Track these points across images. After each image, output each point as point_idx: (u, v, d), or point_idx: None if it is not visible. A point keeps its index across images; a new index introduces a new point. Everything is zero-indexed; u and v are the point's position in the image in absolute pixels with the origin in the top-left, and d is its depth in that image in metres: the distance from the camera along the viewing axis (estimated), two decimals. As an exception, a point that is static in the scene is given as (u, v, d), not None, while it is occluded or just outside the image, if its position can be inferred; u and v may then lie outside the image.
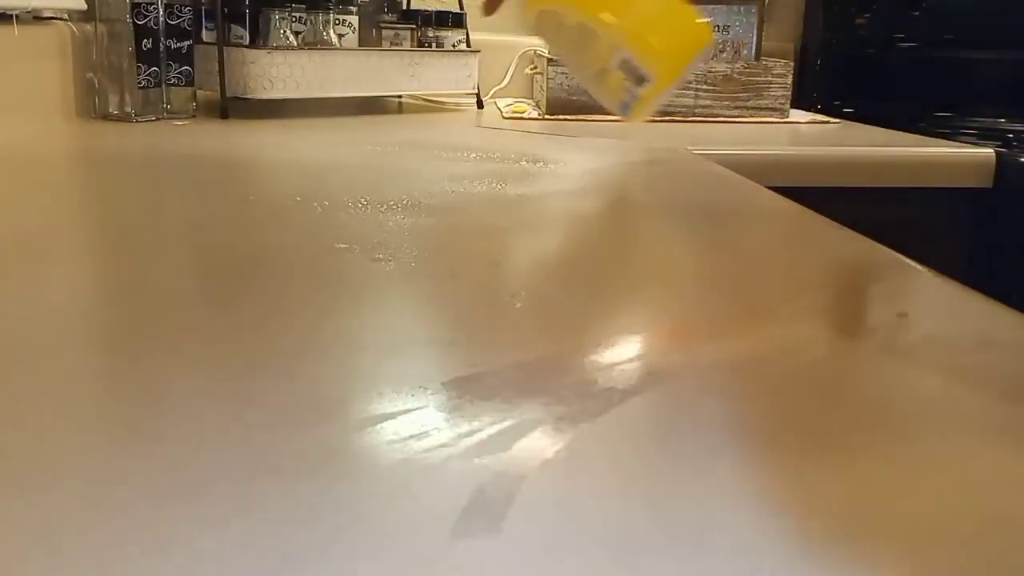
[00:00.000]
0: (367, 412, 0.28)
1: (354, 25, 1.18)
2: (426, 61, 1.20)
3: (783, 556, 0.21)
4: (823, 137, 1.10)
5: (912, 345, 0.37)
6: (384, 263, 0.46)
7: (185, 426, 0.27)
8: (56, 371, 0.31)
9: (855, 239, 0.54)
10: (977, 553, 0.22)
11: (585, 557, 0.21)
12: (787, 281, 0.47)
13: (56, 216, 0.57)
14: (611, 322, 0.38)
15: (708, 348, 0.35)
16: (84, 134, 0.93)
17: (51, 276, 0.43)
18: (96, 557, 0.20)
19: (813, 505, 0.24)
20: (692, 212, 0.64)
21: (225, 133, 0.95)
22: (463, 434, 0.26)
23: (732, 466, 0.25)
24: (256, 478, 0.24)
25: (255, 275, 0.44)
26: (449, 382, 0.30)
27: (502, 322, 0.38)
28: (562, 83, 1.22)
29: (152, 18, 0.99)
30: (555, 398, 0.29)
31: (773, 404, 0.30)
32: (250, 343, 0.34)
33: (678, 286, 0.44)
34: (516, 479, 0.24)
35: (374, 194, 0.63)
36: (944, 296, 0.44)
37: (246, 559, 0.20)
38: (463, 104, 1.34)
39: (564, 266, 0.48)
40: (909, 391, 0.32)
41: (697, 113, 1.24)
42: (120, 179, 0.69)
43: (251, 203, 0.60)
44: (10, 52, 0.87)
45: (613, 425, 0.28)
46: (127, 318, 0.38)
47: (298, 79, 1.07)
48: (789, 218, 0.63)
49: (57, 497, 0.23)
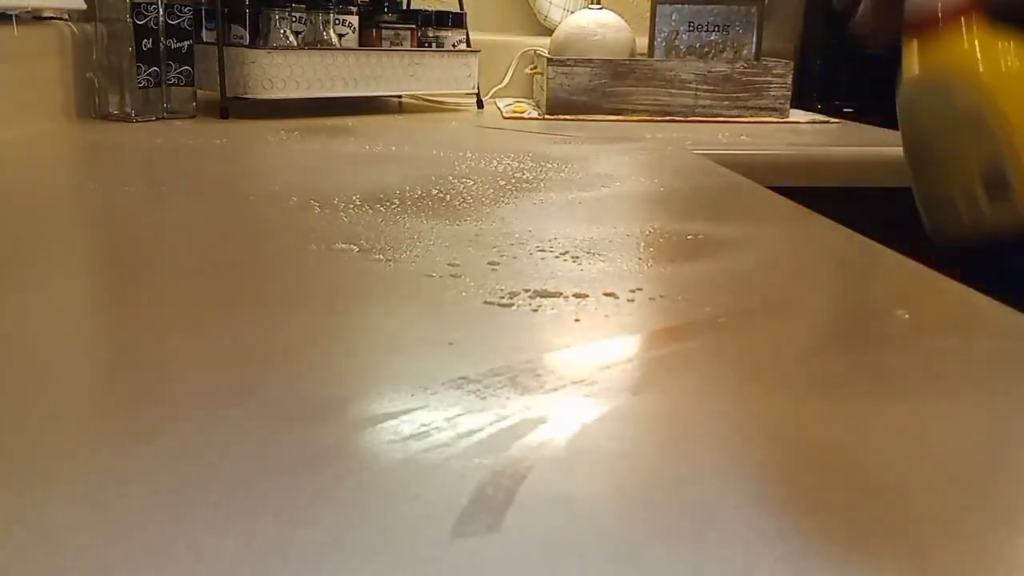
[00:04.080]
0: (367, 412, 0.28)
1: (354, 25, 1.18)
2: (426, 61, 1.20)
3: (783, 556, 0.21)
4: (823, 137, 1.10)
5: (912, 345, 0.37)
6: (384, 263, 0.46)
7: (185, 426, 0.27)
8: (56, 371, 0.31)
9: (855, 239, 0.54)
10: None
11: (585, 557, 0.21)
12: (787, 281, 0.47)
13: (56, 216, 0.57)
14: (609, 322, 0.38)
15: (706, 347, 0.35)
16: (84, 134, 0.93)
17: (51, 276, 0.43)
18: (96, 557, 0.20)
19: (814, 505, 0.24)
20: (689, 206, 0.64)
21: (225, 133, 0.95)
22: (463, 434, 0.26)
23: (733, 465, 0.25)
24: (256, 478, 0.24)
25: (255, 274, 0.44)
26: (449, 382, 0.30)
27: (502, 322, 0.38)
28: (562, 83, 1.22)
29: (152, 18, 0.99)
30: (556, 398, 0.29)
31: (772, 405, 0.30)
32: (250, 343, 0.34)
33: (678, 286, 0.44)
34: (516, 479, 0.24)
35: (374, 194, 0.63)
36: (944, 296, 0.44)
37: (246, 559, 0.20)
38: (463, 104, 1.34)
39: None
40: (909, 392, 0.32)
41: (697, 113, 1.24)
42: (120, 179, 0.69)
43: (251, 202, 0.60)
44: (10, 52, 0.87)
45: (613, 424, 0.28)
46: (127, 318, 0.38)
47: (298, 79, 1.07)
48: (790, 217, 0.63)
49: (57, 497, 0.23)
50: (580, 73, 1.22)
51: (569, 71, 1.22)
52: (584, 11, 1.36)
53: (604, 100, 1.23)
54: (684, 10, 1.31)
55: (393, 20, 1.25)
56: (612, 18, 1.33)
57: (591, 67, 1.22)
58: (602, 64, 1.23)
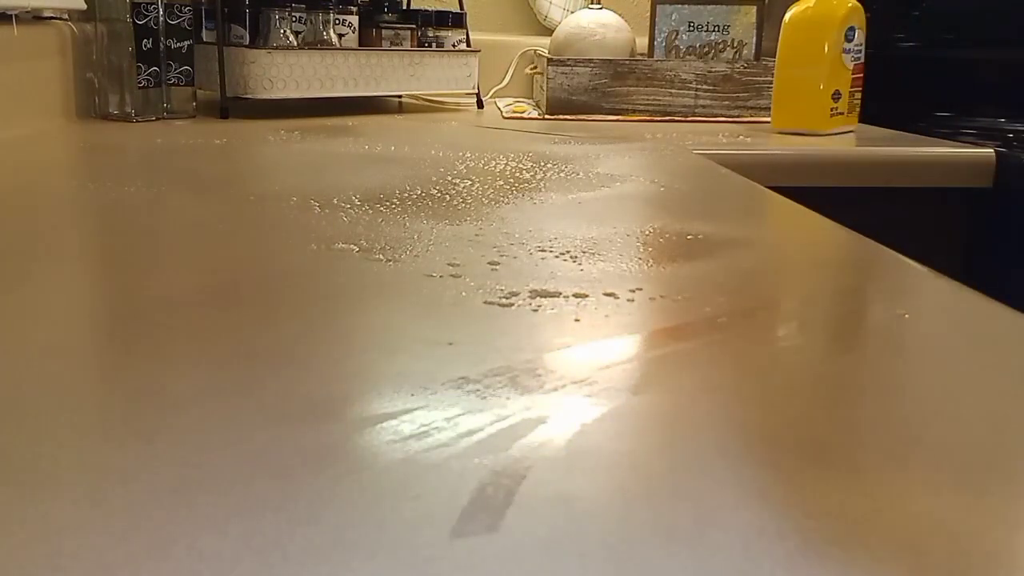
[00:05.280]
0: (367, 412, 0.28)
1: (354, 25, 1.18)
2: (426, 61, 1.20)
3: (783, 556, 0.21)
4: (823, 137, 1.10)
5: (912, 345, 0.37)
6: (384, 263, 0.46)
7: (185, 426, 0.27)
8: (56, 371, 0.31)
9: (855, 239, 0.54)
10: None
11: (585, 557, 0.21)
12: (787, 281, 0.47)
13: (56, 216, 0.57)
14: (609, 322, 0.38)
15: (706, 347, 0.35)
16: (84, 134, 0.93)
17: (51, 275, 0.43)
18: (96, 557, 0.20)
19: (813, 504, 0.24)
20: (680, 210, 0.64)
21: (225, 133, 0.95)
22: (463, 434, 0.26)
23: (733, 465, 0.25)
24: (256, 478, 0.24)
25: (255, 274, 0.44)
26: (449, 382, 0.30)
27: (502, 322, 0.38)
28: (562, 83, 1.22)
29: (152, 18, 0.99)
30: (555, 398, 0.29)
31: (772, 405, 0.30)
32: (250, 343, 0.34)
33: (678, 286, 0.44)
34: (516, 479, 0.24)
35: (374, 194, 0.63)
36: (944, 296, 0.44)
37: (246, 559, 0.20)
38: (463, 104, 1.34)
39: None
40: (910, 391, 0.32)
41: (697, 113, 1.24)
42: (120, 179, 0.69)
43: (251, 202, 0.60)
44: (10, 52, 0.87)
45: (613, 424, 0.28)
46: (127, 318, 0.38)
47: (298, 79, 1.07)
48: (789, 218, 0.63)
49: (57, 497, 0.23)
50: (580, 73, 1.22)
51: (569, 71, 1.22)
52: (584, 11, 1.36)
53: (604, 100, 1.23)
54: (684, 10, 1.31)
55: (393, 20, 1.25)
56: (612, 18, 1.33)
57: (591, 67, 1.22)
58: (602, 64, 1.23)
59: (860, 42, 1.09)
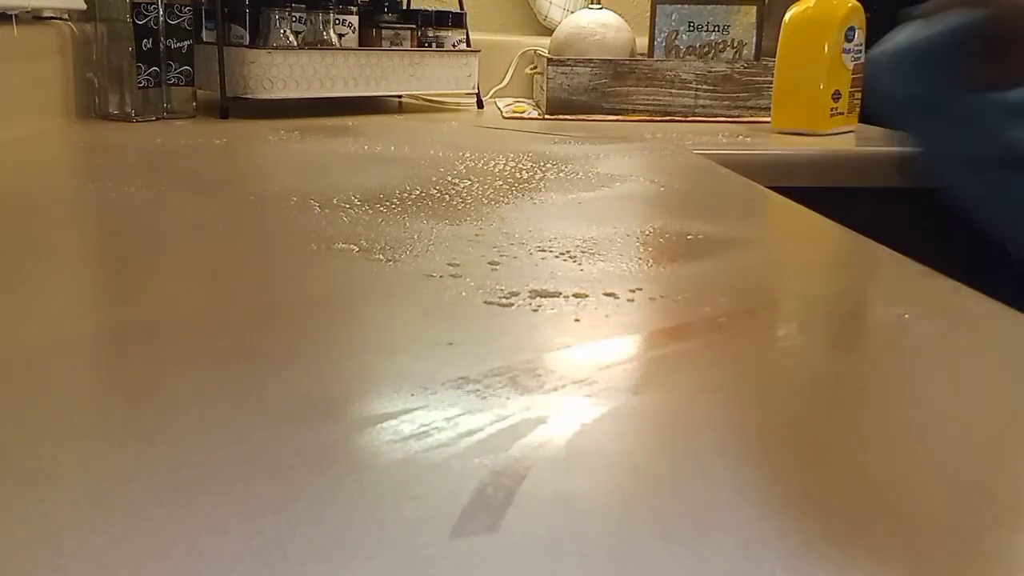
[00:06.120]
0: (367, 412, 0.28)
1: (354, 25, 1.18)
2: (426, 61, 1.20)
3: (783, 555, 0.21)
4: (823, 137, 1.10)
5: (912, 345, 0.37)
6: (384, 263, 0.46)
7: (185, 426, 0.27)
8: (56, 371, 0.31)
9: (855, 239, 0.54)
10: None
11: (585, 557, 0.21)
12: (788, 281, 0.47)
13: (56, 216, 0.57)
14: (609, 322, 0.38)
15: (706, 347, 0.35)
16: (84, 134, 0.93)
17: (51, 275, 0.43)
18: (96, 557, 0.20)
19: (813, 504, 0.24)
20: (685, 209, 0.64)
21: (225, 133, 0.95)
22: (463, 434, 0.26)
23: (733, 465, 0.25)
24: (256, 478, 0.24)
25: (255, 274, 0.44)
26: (449, 382, 0.30)
27: (502, 322, 0.38)
28: (562, 83, 1.22)
29: (152, 18, 0.99)
30: (555, 398, 0.29)
31: (772, 405, 0.30)
32: (250, 342, 0.34)
33: (678, 286, 0.44)
34: (516, 479, 0.24)
35: (374, 194, 0.63)
36: (944, 296, 0.44)
37: (246, 559, 0.20)
38: (463, 104, 1.34)
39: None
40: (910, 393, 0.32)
41: (697, 113, 1.24)
42: (120, 179, 0.69)
43: (251, 202, 0.60)
44: (10, 52, 0.87)
45: (613, 424, 0.28)
46: (126, 318, 0.38)
47: (298, 79, 1.07)
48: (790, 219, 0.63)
49: (57, 497, 0.23)
50: (580, 73, 1.22)
51: (569, 71, 1.22)
52: (584, 11, 1.36)
53: (604, 100, 1.23)
54: (684, 10, 1.31)
55: (393, 20, 1.25)
56: (612, 18, 1.33)
57: (591, 67, 1.22)
58: (602, 64, 1.23)
59: (860, 42, 1.09)
